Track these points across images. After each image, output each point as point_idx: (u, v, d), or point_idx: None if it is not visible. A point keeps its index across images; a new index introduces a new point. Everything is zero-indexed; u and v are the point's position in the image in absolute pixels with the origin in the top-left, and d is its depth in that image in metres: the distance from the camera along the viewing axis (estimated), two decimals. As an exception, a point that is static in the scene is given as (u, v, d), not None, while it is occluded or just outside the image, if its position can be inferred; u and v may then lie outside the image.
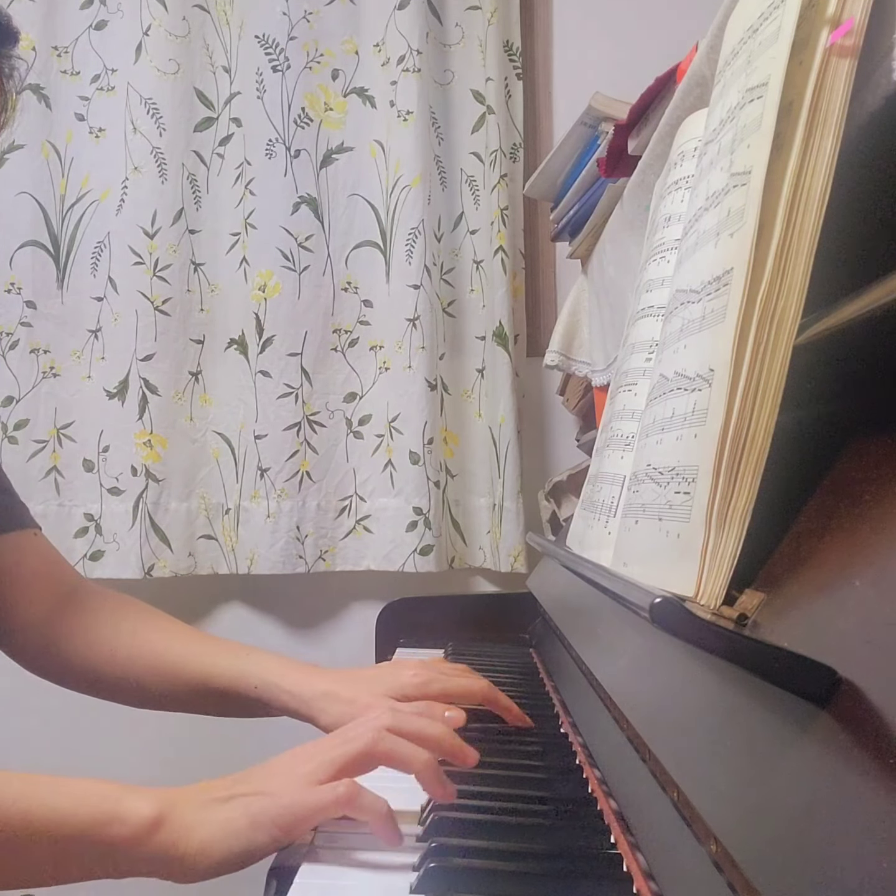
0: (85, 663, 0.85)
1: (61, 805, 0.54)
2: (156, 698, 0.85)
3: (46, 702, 1.54)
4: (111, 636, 0.85)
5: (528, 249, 1.72)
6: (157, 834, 0.54)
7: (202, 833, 0.55)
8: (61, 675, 0.87)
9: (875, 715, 0.31)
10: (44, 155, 1.62)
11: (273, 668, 0.80)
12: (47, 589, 0.87)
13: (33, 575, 0.86)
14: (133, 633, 0.85)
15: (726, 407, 0.45)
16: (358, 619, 1.67)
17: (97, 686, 0.86)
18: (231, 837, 0.55)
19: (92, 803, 0.55)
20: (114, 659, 0.84)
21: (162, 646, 0.84)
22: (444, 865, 0.51)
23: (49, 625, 0.86)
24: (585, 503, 0.85)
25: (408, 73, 1.61)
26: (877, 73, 0.43)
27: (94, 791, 0.56)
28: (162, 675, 0.83)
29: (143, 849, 0.54)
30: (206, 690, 0.81)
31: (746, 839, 0.35)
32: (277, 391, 1.62)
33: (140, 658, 0.84)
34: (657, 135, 0.91)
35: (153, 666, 0.83)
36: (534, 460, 1.68)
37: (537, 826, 0.58)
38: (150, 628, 0.86)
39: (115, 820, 0.54)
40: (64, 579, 0.89)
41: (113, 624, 0.86)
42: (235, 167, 1.63)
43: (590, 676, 0.72)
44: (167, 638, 0.85)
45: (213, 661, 0.82)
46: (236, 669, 0.80)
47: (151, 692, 0.84)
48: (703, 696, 0.46)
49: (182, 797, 0.57)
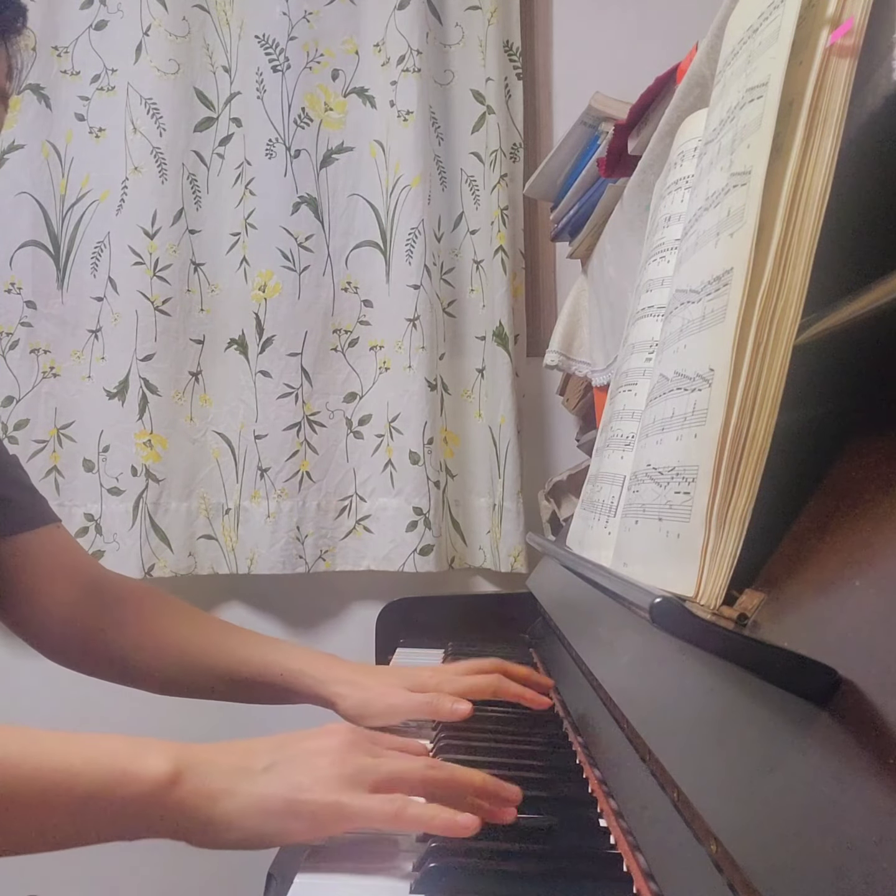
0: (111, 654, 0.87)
1: (73, 765, 0.51)
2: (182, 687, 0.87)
3: (50, 695, 1.55)
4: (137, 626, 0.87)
5: (528, 249, 1.72)
6: (175, 792, 0.52)
7: (232, 804, 0.53)
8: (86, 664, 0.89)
9: (875, 715, 0.31)
10: (44, 155, 1.62)
11: (298, 657, 0.84)
12: (70, 580, 0.88)
13: (56, 567, 0.88)
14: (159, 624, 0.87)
15: (726, 407, 0.45)
16: (358, 619, 1.67)
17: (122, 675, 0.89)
18: (264, 816, 0.53)
19: (103, 762, 0.52)
20: (141, 650, 0.87)
21: (188, 637, 0.86)
22: (444, 865, 0.51)
23: (73, 616, 0.88)
24: (585, 503, 0.85)
25: (408, 73, 1.61)
26: (877, 73, 0.43)
27: (106, 748, 0.53)
28: (189, 665, 0.85)
29: (157, 806, 0.52)
30: (233, 680, 0.84)
31: (746, 839, 0.35)
32: (277, 391, 1.62)
33: (168, 648, 0.86)
34: (657, 135, 0.91)
35: (180, 656, 0.86)
36: (534, 460, 1.68)
37: (537, 826, 0.58)
38: (175, 619, 0.88)
39: (128, 778, 0.52)
40: (87, 570, 0.91)
41: (139, 615, 0.88)
42: (235, 167, 1.63)
43: (590, 676, 0.72)
44: (193, 629, 0.87)
45: (240, 651, 0.85)
46: (262, 659, 0.84)
47: (178, 681, 0.87)
48: (704, 696, 0.46)
49: (207, 756, 0.54)
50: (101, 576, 0.91)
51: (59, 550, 0.89)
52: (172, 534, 1.60)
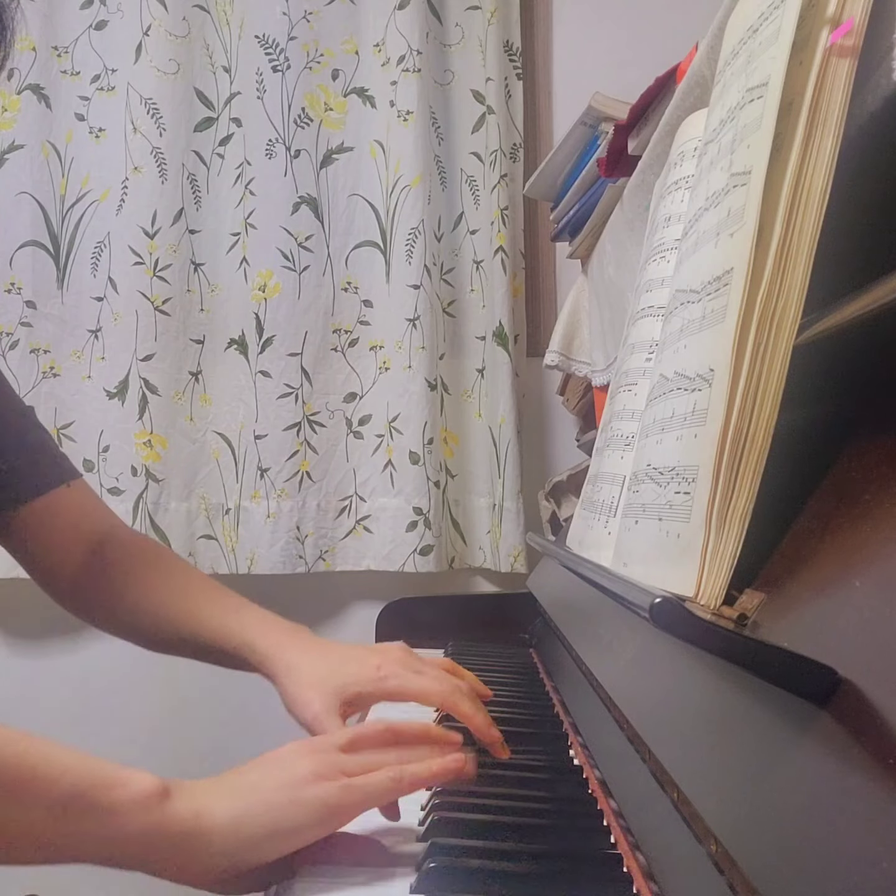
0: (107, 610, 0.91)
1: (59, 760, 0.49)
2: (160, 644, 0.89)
3: (50, 695, 1.55)
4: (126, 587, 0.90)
5: (528, 249, 1.72)
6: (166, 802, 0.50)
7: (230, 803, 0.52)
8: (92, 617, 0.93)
9: (875, 715, 0.31)
10: (44, 155, 1.62)
11: (254, 628, 0.81)
12: (77, 539, 0.91)
13: (65, 527, 0.91)
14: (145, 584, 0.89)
15: (726, 407, 0.45)
16: (358, 619, 1.67)
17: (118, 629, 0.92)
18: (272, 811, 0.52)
19: (90, 765, 0.50)
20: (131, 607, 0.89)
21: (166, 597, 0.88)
22: (444, 865, 0.51)
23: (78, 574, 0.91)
24: (585, 503, 0.85)
25: (408, 73, 1.61)
26: (877, 73, 0.43)
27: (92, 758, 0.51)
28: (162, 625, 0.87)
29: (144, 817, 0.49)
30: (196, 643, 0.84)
31: (746, 839, 0.35)
32: (277, 391, 1.62)
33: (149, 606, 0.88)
34: (657, 135, 0.91)
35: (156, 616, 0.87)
36: (534, 460, 1.68)
37: (537, 826, 0.58)
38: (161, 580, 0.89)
39: (116, 783, 0.49)
40: (95, 528, 0.93)
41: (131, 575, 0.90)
42: (235, 167, 1.63)
43: (590, 676, 0.72)
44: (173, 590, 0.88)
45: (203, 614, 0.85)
46: (220, 626, 0.83)
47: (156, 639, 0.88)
48: (704, 696, 0.46)
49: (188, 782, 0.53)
50: (109, 533, 0.93)
51: (67, 511, 0.91)
52: (172, 534, 1.60)
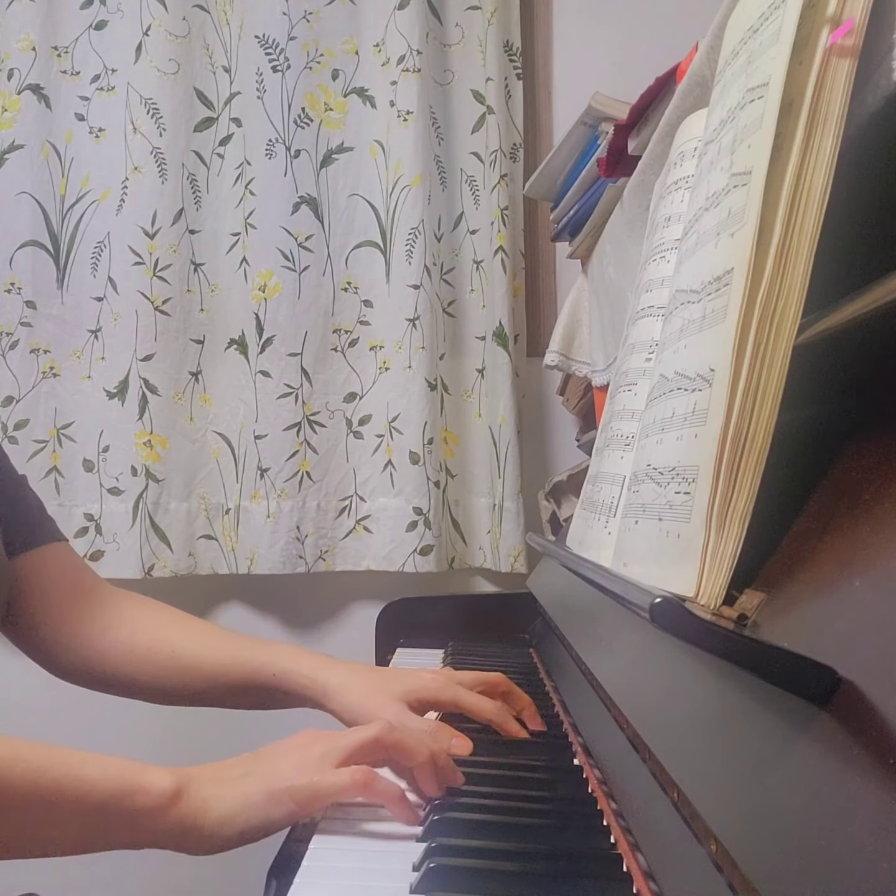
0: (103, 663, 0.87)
1: (88, 776, 0.57)
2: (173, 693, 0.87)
3: (50, 695, 1.55)
4: (129, 635, 0.87)
5: (528, 249, 1.72)
6: (177, 805, 0.57)
7: (220, 806, 0.58)
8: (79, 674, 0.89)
9: (875, 715, 0.31)
10: (44, 155, 1.62)
11: (291, 656, 0.83)
12: (64, 593, 0.88)
13: (52, 582, 0.88)
14: (151, 631, 0.87)
15: (726, 407, 0.45)
16: (358, 619, 1.67)
17: (114, 683, 0.88)
18: (250, 810, 0.58)
19: (115, 775, 0.57)
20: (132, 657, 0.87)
21: (179, 642, 0.86)
22: (444, 865, 0.51)
23: (65, 626, 0.88)
24: (585, 503, 0.85)
25: (408, 73, 1.60)
26: (877, 73, 0.43)
27: (115, 764, 0.58)
28: (179, 670, 0.85)
29: (163, 819, 0.57)
30: (223, 683, 0.84)
31: (746, 839, 0.35)
32: (277, 391, 1.62)
33: (158, 654, 0.86)
34: (657, 135, 0.91)
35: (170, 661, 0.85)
36: (534, 460, 1.68)
37: (537, 826, 0.58)
38: (167, 626, 0.88)
39: (137, 791, 0.57)
40: (82, 582, 0.90)
41: (131, 623, 0.88)
42: (235, 167, 1.63)
43: (590, 676, 0.72)
44: (184, 634, 0.87)
45: (231, 654, 0.84)
46: (254, 660, 0.83)
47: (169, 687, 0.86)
48: (704, 696, 0.46)
49: (198, 774, 0.60)
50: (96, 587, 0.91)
51: (55, 567, 0.89)
52: (172, 534, 1.60)
